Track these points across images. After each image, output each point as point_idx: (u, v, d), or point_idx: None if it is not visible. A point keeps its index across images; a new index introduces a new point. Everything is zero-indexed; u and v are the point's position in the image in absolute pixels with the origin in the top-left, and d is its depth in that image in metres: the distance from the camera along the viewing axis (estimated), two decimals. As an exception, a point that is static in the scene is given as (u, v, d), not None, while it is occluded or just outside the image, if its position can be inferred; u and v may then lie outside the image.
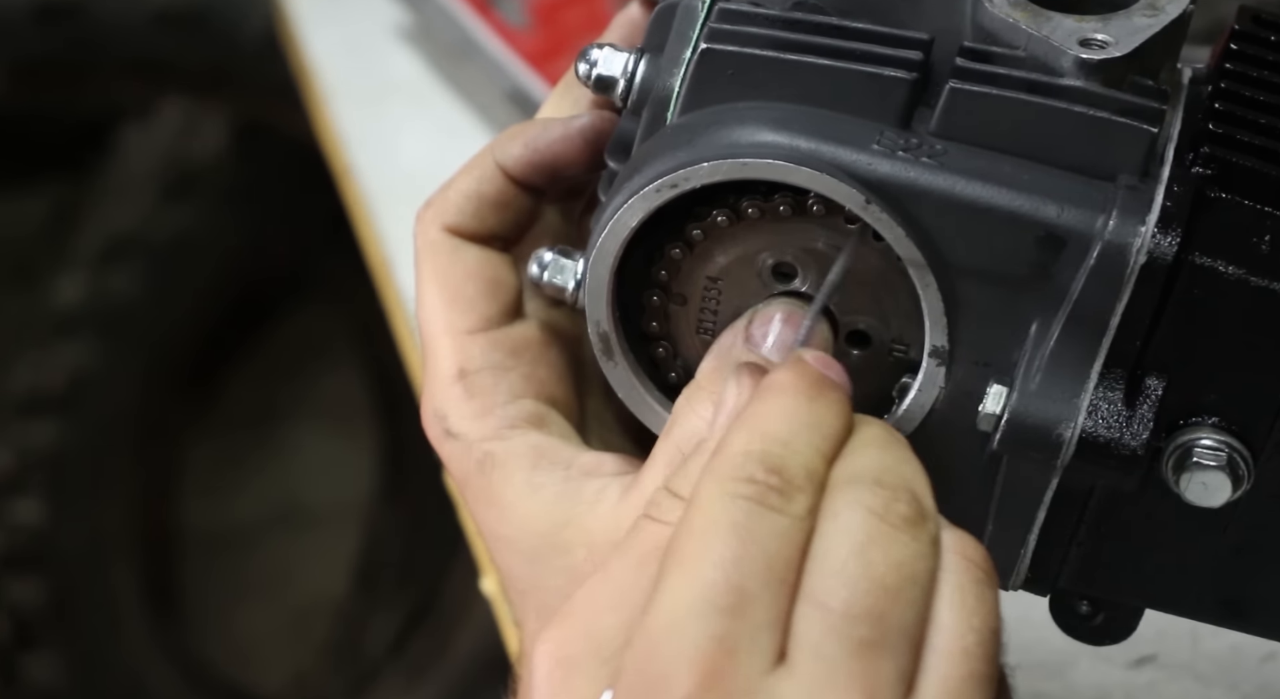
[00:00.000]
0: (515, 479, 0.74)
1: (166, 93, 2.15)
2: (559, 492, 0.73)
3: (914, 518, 0.63)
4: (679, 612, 0.60)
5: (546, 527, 0.72)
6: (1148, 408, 0.68)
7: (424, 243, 0.77)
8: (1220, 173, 0.68)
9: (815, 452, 0.63)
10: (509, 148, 0.77)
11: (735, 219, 0.70)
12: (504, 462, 0.74)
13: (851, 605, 0.60)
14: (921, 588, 0.62)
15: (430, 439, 0.77)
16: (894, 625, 0.61)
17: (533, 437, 0.75)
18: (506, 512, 0.74)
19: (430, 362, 0.77)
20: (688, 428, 0.70)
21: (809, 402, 0.65)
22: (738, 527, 0.61)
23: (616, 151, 0.73)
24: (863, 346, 0.72)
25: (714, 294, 0.72)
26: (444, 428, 0.76)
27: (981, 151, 0.68)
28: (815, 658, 0.60)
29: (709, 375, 0.71)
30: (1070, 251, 0.67)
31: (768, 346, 0.70)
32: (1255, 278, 0.67)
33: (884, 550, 0.62)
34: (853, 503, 0.62)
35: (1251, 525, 0.71)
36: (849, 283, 0.70)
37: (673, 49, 0.71)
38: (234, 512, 2.33)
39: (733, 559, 0.61)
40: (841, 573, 0.61)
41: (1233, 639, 0.76)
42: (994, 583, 0.64)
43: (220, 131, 2.14)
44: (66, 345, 2.11)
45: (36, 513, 2.08)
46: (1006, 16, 0.69)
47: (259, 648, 2.25)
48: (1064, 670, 0.98)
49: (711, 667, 0.59)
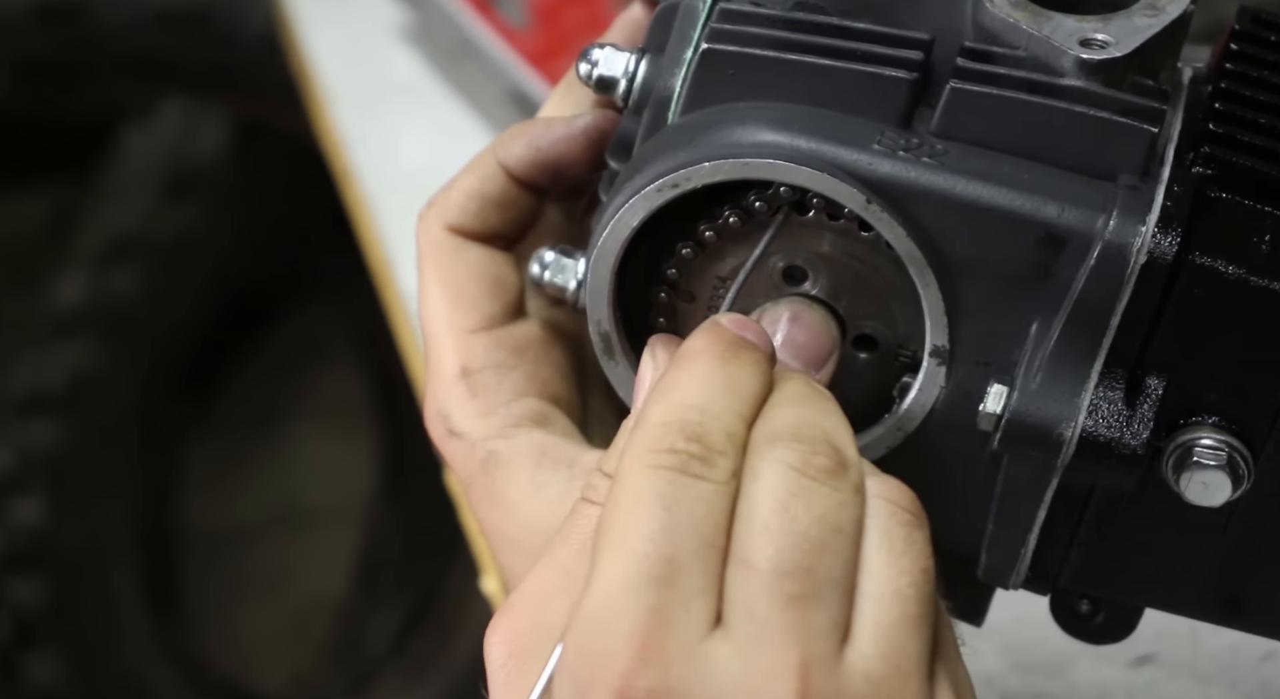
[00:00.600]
0: (519, 478, 0.74)
1: (167, 93, 2.15)
2: (563, 490, 0.74)
3: (834, 468, 0.63)
4: (613, 587, 0.61)
5: (550, 525, 0.72)
6: (1148, 407, 0.68)
7: (426, 242, 0.78)
8: (1220, 173, 0.68)
9: (734, 415, 0.64)
10: (511, 147, 0.77)
11: (746, 218, 0.70)
12: (508, 460, 0.74)
13: (778, 562, 0.61)
14: (847, 537, 0.63)
15: (433, 439, 0.77)
16: (822, 576, 0.62)
17: (536, 435, 0.75)
18: (510, 510, 0.74)
19: (433, 360, 0.77)
20: None
21: (724, 365, 0.65)
22: (663, 497, 0.62)
23: (618, 151, 0.74)
24: (870, 350, 0.72)
25: (723, 294, 0.72)
26: (447, 427, 0.76)
27: (982, 151, 0.68)
28: (748, 618, 0.61)
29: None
30: (1071, 251, 0.67)
31: (776, 344, 0.70)
32: (1255, 278, 0.67)
33: (806, 504, 0.62)
34: (772, 461, 0.63)
35: (1251, 524, 0.71)
36: (858, 287, 0.71)
37: (674, 49, 0.72)
38: (234, 511, 2.33)
39: (661, 530, 0.61)
40: (765, 531, 0.62)
41: (1232, 638, 0.76)
42: (923, 524, 0.64)
43: (221, 132, 2.14)
44: (67, 345, 2.11)
45: (36, 513, 2.08)
46: (1007, 16, 0.69)
47: (259, 647, 2.25)
48: (1064, 669, 0.98)
49: (648, 637, 0.60)
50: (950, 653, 0.65)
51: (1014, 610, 0.80)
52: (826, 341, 0.71)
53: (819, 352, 0.71)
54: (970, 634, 0.79)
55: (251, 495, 2.35)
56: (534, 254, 0.75)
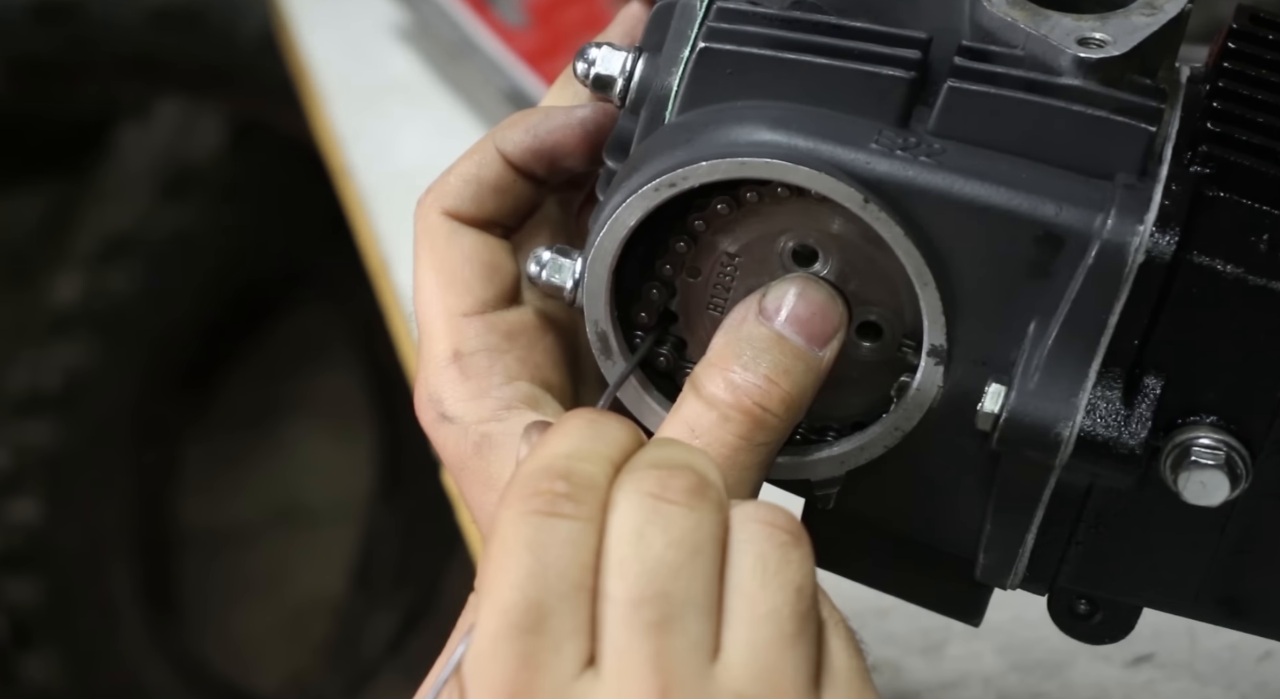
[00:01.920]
0: (514, 460, 0.73)
1: (164, 92, 2.15)
2: None
3: (692, 488, 0.63)
4: (485, 640, 0.61)
5: None
6: (1146, 407, 0.68)
7: (423, 228, 0.77)
8: (1218, 172, 0.68)
9: (602, 458, 0.64)
10: (510, 134, 0.77)
11: (735, 206, 0.70)
12: (502, 443, 0.74)
13: (634, 591, 0.61)
14: (707, 557, 0.62)
15: (424, 424, 0.77)
16: (680, 600, 0.61)
17: (530, 417, 0.74)
18: None
19: (425, 344, 0.77)
20: (694, 406, 0.70)
21: (593, 422, 0.65)
22: (530, 543, 0.61)
23: (615, 150, 0.73)
24: (874, 339, 0.72)
25: (730, 270, 0.72)
26: (439, 412, 0.75)
27: (980, 150, 0.68)
28: (613, 652, 0.61)
29: (721, 352, 0.70)
30: (1068, 250, 0.67)
31: (780, 320, 0.70)
32: (1253, 277, 0.67)
33: (661, 529, 0.62)
34: (629, 490, 0.63)
35: (1249, 524, 0.71)
36: (868, 272, 0.70)
37: (671, 48, 0.71)
38: (231, 511, 2.33)
39: (528, 576, 0.61)
40: (621, 562, 0.61)
41: (1230, 638, 0.76)
42: (800, 543, 0.63)
43: (218, 131, 2.14)
44: (64, 345, 2.11)
45: (33, 512, 2.07)
46: (1005, 15, 0.69)
47: (256, 647, 2.25)
48: (1062, 669, 0.98)
49: (517, 687, 0.60)
50: (842, 676, 0.63)
51: (1012, 610, 0.80)
52: (833, 318, 0.71)
53: (824, 327, 0.70)
54: (968, 634, 0.79)
55: (249, 495, 2.35)
56: (531, 253, 0.75)
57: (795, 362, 0.70)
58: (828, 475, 0.73)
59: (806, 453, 0.73)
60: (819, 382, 0.71)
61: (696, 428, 0.69)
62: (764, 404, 0.69)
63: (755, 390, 0.69)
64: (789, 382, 0.70)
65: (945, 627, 0.77)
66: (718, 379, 0.70)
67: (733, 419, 0.69)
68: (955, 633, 0.97)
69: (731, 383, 0.69)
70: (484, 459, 0.74)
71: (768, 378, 0.69)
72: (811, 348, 0.70)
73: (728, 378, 0.69)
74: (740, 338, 0.70)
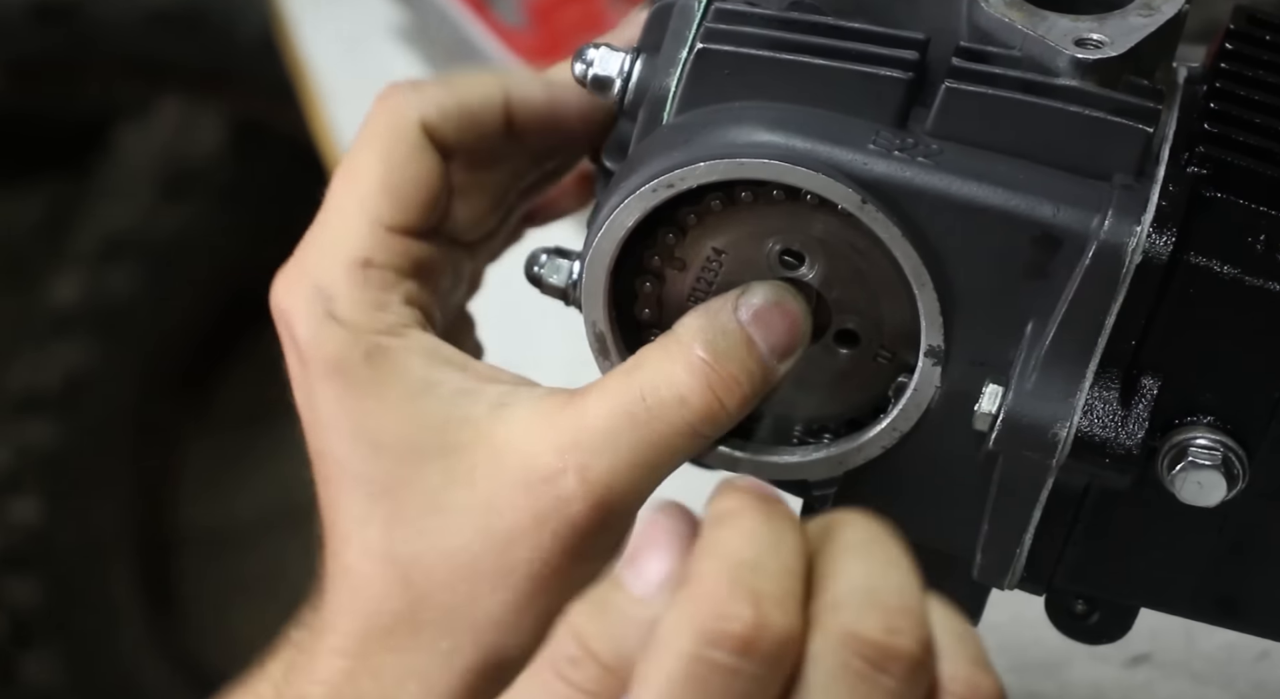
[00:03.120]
0: (411, 373, 0.71)
1: (163, 92, 2.15)
2: (459, 389, 0.71)
3: (915, 663, 0.56)
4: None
5: (439, 422, 0.71)
6: (1143, 407, 0.68)
7: (390, 124, 0.74)
8: (1215, 172, 0.68)
9: (790, 575, 0.57)
10: (528, 86, 0.74)
11: (729, 203, 0.70)
12: (398, 355, 0.71)
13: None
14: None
15: (293, 312, 0.73)
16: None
17: (427, 338, 0.72)
18: (392, 406, 0.71)
19: (329, 237, 0.74)
20: (653, 375, 0.69)
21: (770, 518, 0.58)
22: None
23: (613, 151, 0.74)
24: (850, 346, 0.72)
25: (715, 266, 0.72)
26: (327, 309, 0.72)
27: (977, 151, 0.68)
28: None
29: (694, 332, 0.70)
30: (1066, 251, 0.67)
31: (755, 325, 0.70)
32: (1250, 277, 0.67)
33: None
34: (836, 646, 0.55)
35: (1246, 524, 0.71)
36: (853, 280, 0.70)
37: (669, 49, 0.71)
38: (231, 511, 2.33)
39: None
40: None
41: (1228, 638, 0.76)
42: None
43: (217, 131, 2.14)
44: (63, 345, 2.11)
45: (33, 512, 2.07)
46: (1002, 16, 0.69)
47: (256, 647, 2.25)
48: (1059, 669, 0.98)
49: None
50: None
51: (1009, 610, 0.80)
52: (799, 336, 0.71)
53: (789, 343, 0.70)
54: (966, 634, 0.79)
55: (249, 495, 2.34)
56: (530, 254, 0.75)
57: (757, 367, 0.70)
58: (825, 476, 0.73)
59: (804, 453, 0.73)
60: (765, 393, 0.71)
61: (649, 398, 0.69)
62: (725, 400, 0.69)
63: (720, 383, 0.69)
64: (750, 386, 0.70)
65: (943, 627, 0.77)
66: (686, 359, 0.69)
67: (690, 405, 0.69)
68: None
69: (699, 369, 0.69)
70: (374, 369, 0.71)
71: (733, 376, 0.69)
72: (771, 359, 0.70)
73: (696, 362, 0.69)
74: (715, 326, 0.70)
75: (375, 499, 0.71)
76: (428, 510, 0.71)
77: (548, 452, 0.70)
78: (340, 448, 0.72)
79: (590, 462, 0.69)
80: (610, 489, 0.70)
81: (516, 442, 0.70)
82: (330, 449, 0.72)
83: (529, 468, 0.70)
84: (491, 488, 0.70)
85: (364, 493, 0.72)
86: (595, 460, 0.69)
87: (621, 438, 0.69)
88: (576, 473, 0.69)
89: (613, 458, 0.69)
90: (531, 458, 0.70)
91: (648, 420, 0.69)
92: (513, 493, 0.70)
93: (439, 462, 0.71)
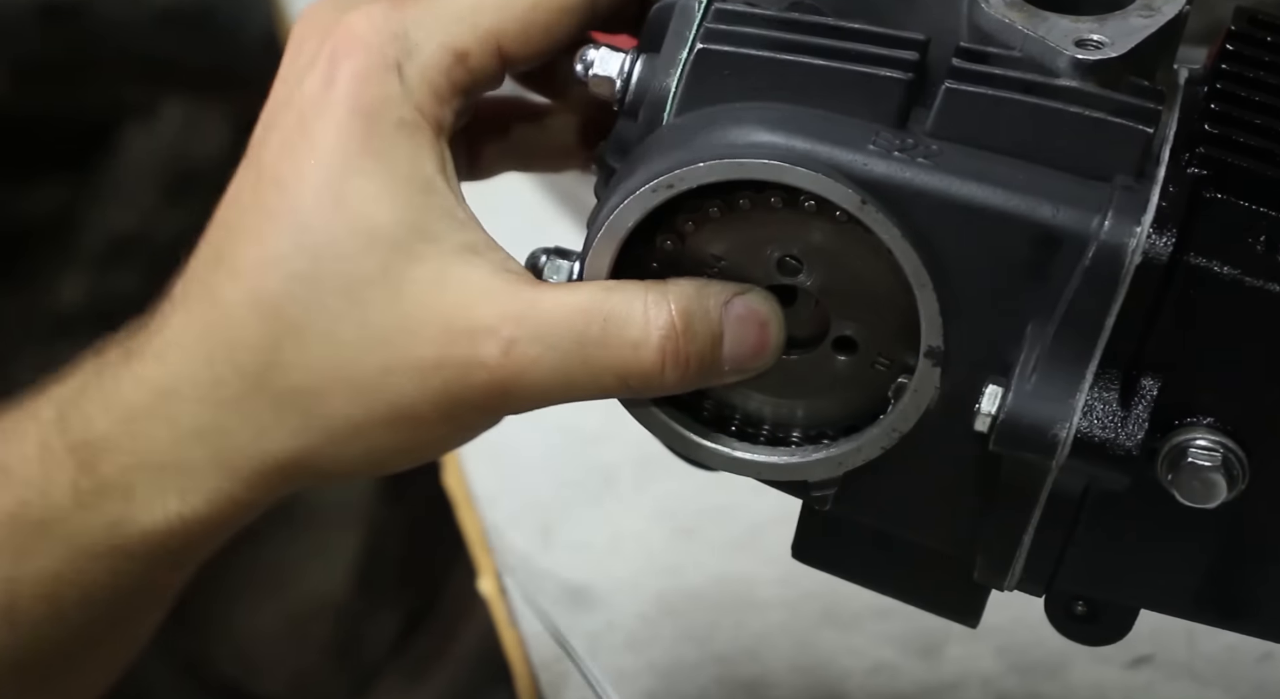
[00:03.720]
0: (422, 167, 0.70)
1: (169, 93, 2.15)
2: (448, 210, 0.70)
3: None
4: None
5: (410, 223, 0.69)
6: (1143, 408, 0.68)
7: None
8: (1216, 173, 0.68)
9: None
10: None
11: (727, 210, 0.70)
12: (422, 144, 0.70)
13: None
14: None
15: (360, 33, 0.71)
16: None
17: (449, 153, 0.71)
18: (384, 180, 0.70)
19: (453, 7, 0.72)
20: (623, 308, 0.69)
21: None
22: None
23: (614, 152, 0.74)
24: (849, 353, 0.72)
25: (713, 272, 0.71)
26: (399, 59, 0.70)
27: (977, 152, 0.68)
28: None
29: (682, 298, 0.70)
30: (1066, 252, 0.67)
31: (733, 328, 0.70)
32: (1250, 278, 0.67)
33: None
34: None
35: (1247, 526, 0.71)
36: (850, 286, 0.70)
37: (669, 49, 0.71)
38: (235, 511, 2.32)
39: None
40: None
41: (1229, 639, 0.76)
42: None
43: (222, 132, 2.14)
44: (68, 344, 2.10)
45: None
46: (1002, 17, 0.69)
47: (259, 647, 2.25)
48: (1060, 671, 0.98)
49: None
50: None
51: (1010, 611, 0.80)
52: (759, 359, 0.71)
53: (752, 361, 0.71)
54: (967, 636, 0.79)
55: (252, 495, 2.34)
56: (529, 254, 0.75)
57: (711, 363, 0.70)
58: (824, 476, 0.73)
59: (803, 454, 0.73)
60: (695, 387, 0.71)
61: (608, 324, 0.69)
62: (668, 372, 0.69)
63: (673, 355, 0.69)
64: (695, 373, 0.70)
65: (943, 628, 0.77)
66: (661, 314, 0.69)
67: (638, 355, 0.69)
68: (953, 634, 0.97)
69: (667, 331, 0.69)
70: (397, 139, 0.69)
71: (690, 356, 0.69)
72: (724, 364, 0.70)
73: (668, 322, 0.69)
74: (701, 304, 0.70)
75: (298, 248, 0.70)
76: (344, 293, 0.69)
77: (490, 311, 0.69)
78: (301, 184, 0.70)
79: (521, 343, 0.69)
80: (521, 378, 0.69)
81: (467, 286, 0.69)
82: (285, 178, 0.71)
83: (464, 315, 0.69)
84: (418, 310, 0.69)
85: (291, 237, 0.70)
86: (527, 346, 0.68)
87: (563, 341, 0.69)
88: (503, 344, 0.69)
89: (543, 352, 0.69)
90: (471, 307, 0.69)
91: (595, 341, 0.69)
92: (434, 327, 0.69)
93: (382, 256, 0.69)
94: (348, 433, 0.70)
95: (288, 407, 0.70)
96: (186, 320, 0.72)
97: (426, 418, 0.70)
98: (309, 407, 0.70)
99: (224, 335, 0.71)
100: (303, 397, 0.70)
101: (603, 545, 1.06)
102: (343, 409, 0.70)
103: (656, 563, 1.05)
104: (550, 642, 1.00)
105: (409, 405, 0.70)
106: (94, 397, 0.74)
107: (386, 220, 0.69)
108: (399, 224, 0.69)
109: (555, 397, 0.70)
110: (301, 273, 0.70)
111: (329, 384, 0.70)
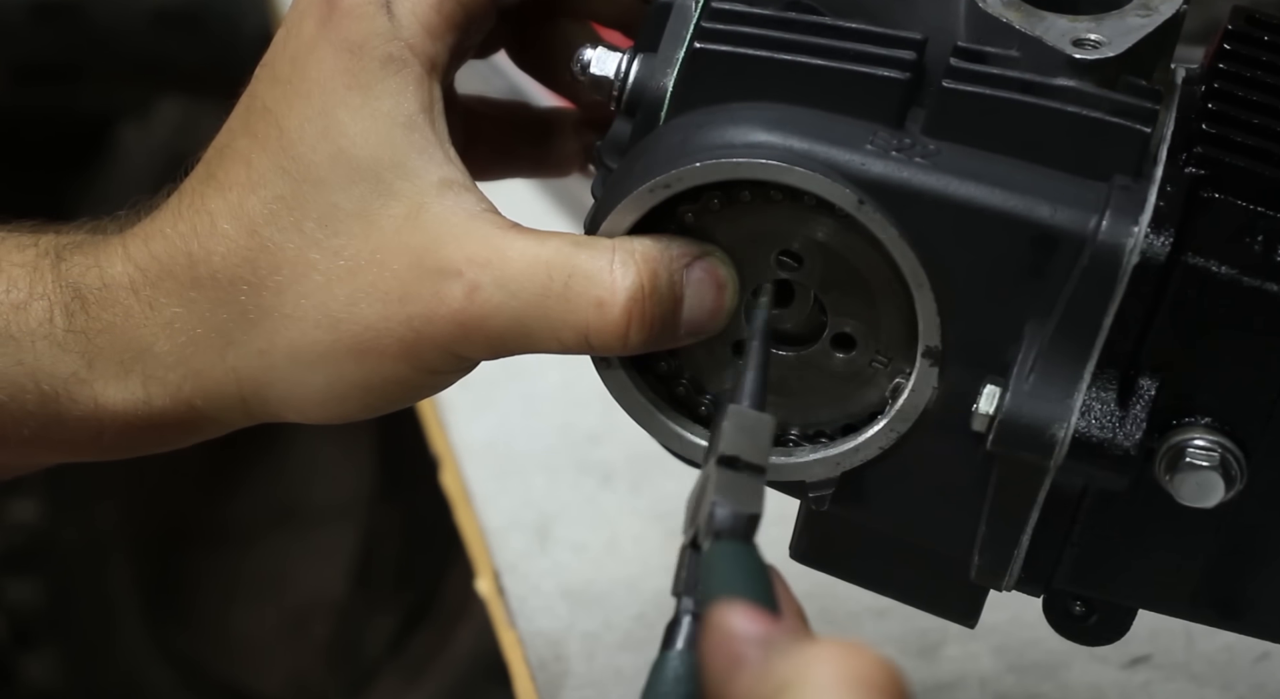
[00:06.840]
0: (406, 102, 0.71)
1: (164, 92, 2.15)
2: (427, 147, 0.71)
3: None
4: None
5: (390, 158, 0.70)
6: (1141, 408, 0.68)
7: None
8: (1213, 173, 0.68)
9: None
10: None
11: (728, 202, 0.70)
12: (408, 79, 0.71)
13: None
14: None
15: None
16: None
17: (438, 90, 0.72)
18: (367, 116, 0.71)
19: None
20: (591, 265, 0.69)
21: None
22: None
23: (611, 151, 0.73)
24: (847, 350, 0.72)
25: None
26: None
27: (975, 152, 0.68)
28: None
29: (649, 259, 0.70)
30: (1063, 252, 0.67)
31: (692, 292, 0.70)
32: (1248, 278, 0.67)
33: None
34: None
35: (1244, 525, 0.71)
36: (850, 283, 0.70)
37: (666, 49, 0.71)
38: (231, 511, 2.33)
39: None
40: None
41: (1227, 639, 0.76)
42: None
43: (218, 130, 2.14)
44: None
45: (33, 512, 2.07)
46: (1000, 16, 0.69)
47: (256, 647, 2.25)
48: (1059, 671, 0.98)
49: None
50: None
51: (1008, 611, 0.80)
52: (712, 323, 0.71)
53: (703, 323, 0.71)
54: (965, 635, 0.79)
55: (249, 495, 2.34)
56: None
57: (671, 322, 0.70)
58: (823, 477, 0.73)
59: (801, 455, 0.73)
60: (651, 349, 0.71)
61: (573, 280, 0.69)
62: (632, 333, 0.70)
63: (639, 316, 0.69)
64: (655, 336, 0.70)
65: (942, 628, 0.77)
66: (630, 275, 0.69)
67: (601, 314, 0.69)
68: (952, 634, 0.97)
69: (634, 292, 0.69)
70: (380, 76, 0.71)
71: (653, 321, 0.70)
72: (682, 328, 0.70)
73: (635, 285, 0.69)
74: (666, 265, 0.70)
75: (282, 172, 0.71)
76: (321, 221, 0.71)
77: (459, 253, 0.70)
78: (290, 115, 0.72)
79: (485, 288, 0.69)
80: (483, 322, 0.70)
81: (440, 224, 0.70)
82: (276, 108, 0.73)
83: (433, 254, 0.70)
84: (389, 245, 0.70)
85: (276, 162, 0.72)
86: (491, 291, 0.69)
87: (527, 290, 0.69)
88: (468, 287, 0.69)
89: (506, 299, 0.69)
90: (441, 247, 0.70)
91: (558, 294, 0.69)
92: (403, 262, 0.70)
93: (360, 189, 0.71)
94: (311, 358, 0.71)
95: (255, 324, 0.72)
96: (175, 219, 0.73)
97: (389, 351, 0.71)
98: (276, 326, 0.71)
99: (206, 241, 0.72)
100: (270, 316, 0.71)
101: (600, 546, 1.06)
102: (309, 333, 0.71)
103: (653, 563, 1.05)
104: (548, 642, 1.00)
105: (373, 337, 0.70)
106: (88, 251, 0.74)
107: (366, 155, 0.71)
108: (378, 160, 0.71)
109: (513, 345, 0.71)
110: (283, 196, 0.71)
111: (297, 307, 0.71)
